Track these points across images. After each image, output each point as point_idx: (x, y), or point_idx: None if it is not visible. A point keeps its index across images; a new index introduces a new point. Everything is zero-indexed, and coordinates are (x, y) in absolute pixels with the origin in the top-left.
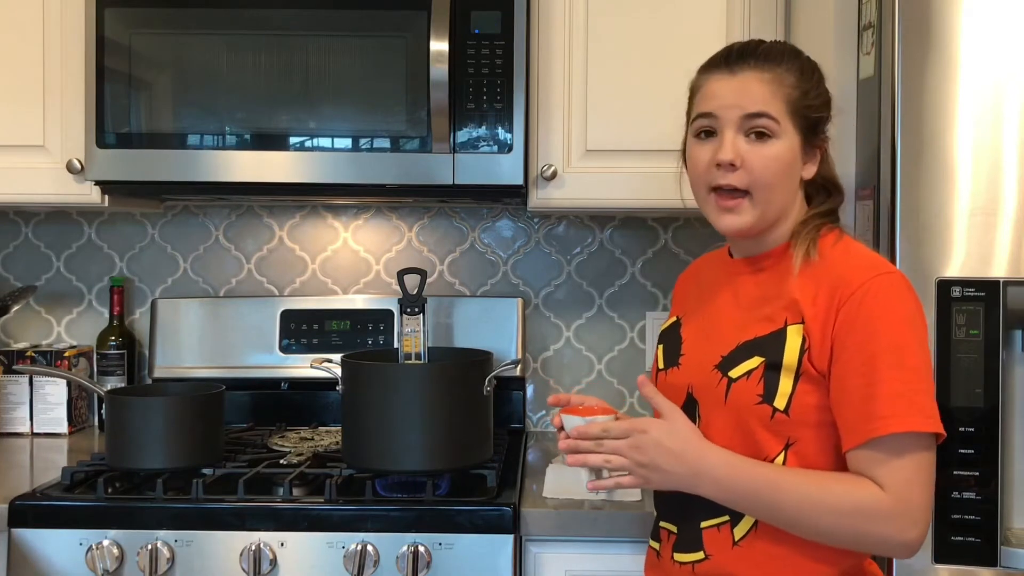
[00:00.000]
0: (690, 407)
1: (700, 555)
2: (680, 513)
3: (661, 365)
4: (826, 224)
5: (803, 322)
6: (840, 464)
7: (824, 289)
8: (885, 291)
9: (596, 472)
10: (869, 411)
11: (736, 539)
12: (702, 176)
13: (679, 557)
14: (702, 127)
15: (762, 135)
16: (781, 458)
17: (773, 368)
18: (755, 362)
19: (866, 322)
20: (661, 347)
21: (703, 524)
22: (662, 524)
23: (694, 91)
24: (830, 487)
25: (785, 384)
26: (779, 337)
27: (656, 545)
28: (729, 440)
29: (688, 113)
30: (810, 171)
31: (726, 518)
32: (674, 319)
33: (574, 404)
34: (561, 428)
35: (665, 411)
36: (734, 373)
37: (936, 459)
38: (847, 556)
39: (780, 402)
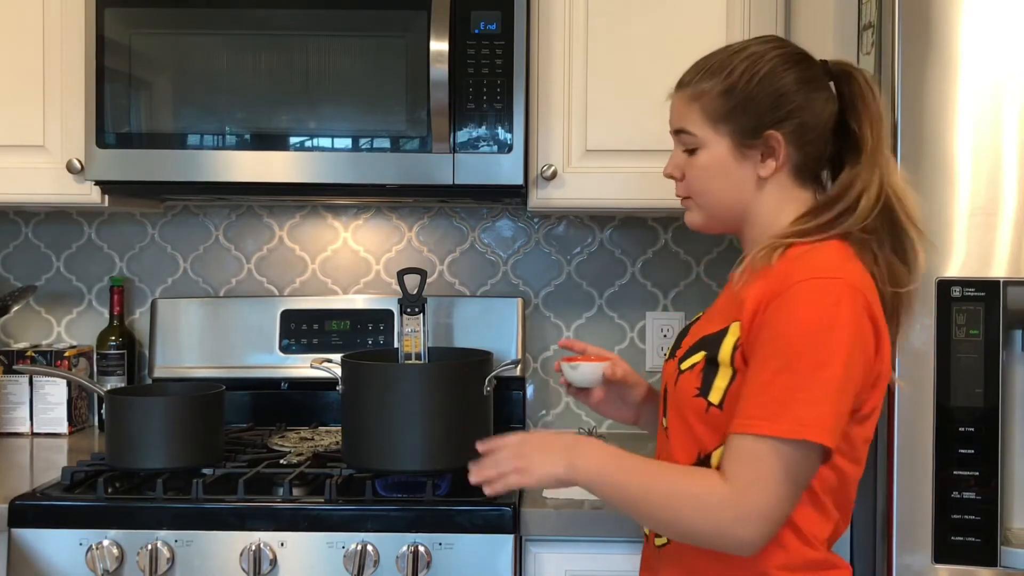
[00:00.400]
0: (664, 397)
1: (665, 538)
2: None
3: (666, 355)
4: (808, 236)
5: (741, 320)
6: None
7: (769, 289)
8: (814, 294)
9: None
10: (746, 406)
11: None
12: None
13: (657, 540)
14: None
15: (691, 148)
16: (719, 452)
17: (712, 363)
18: (699, 356)
19: (784, 320)
20: (676, 338)
21: None
22: None
23: None
24: (672, 474)
25: (721, 380)
26: (722, 334)
27: (646, 529)
28: (676, 432)
29: None
30: (768, 168)
31: None
32: (700, 313)
33: (590, 353)
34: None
35: None
36: (684, 366)
37: (807, 472)
38: (788, 552)
39: (715, 396)
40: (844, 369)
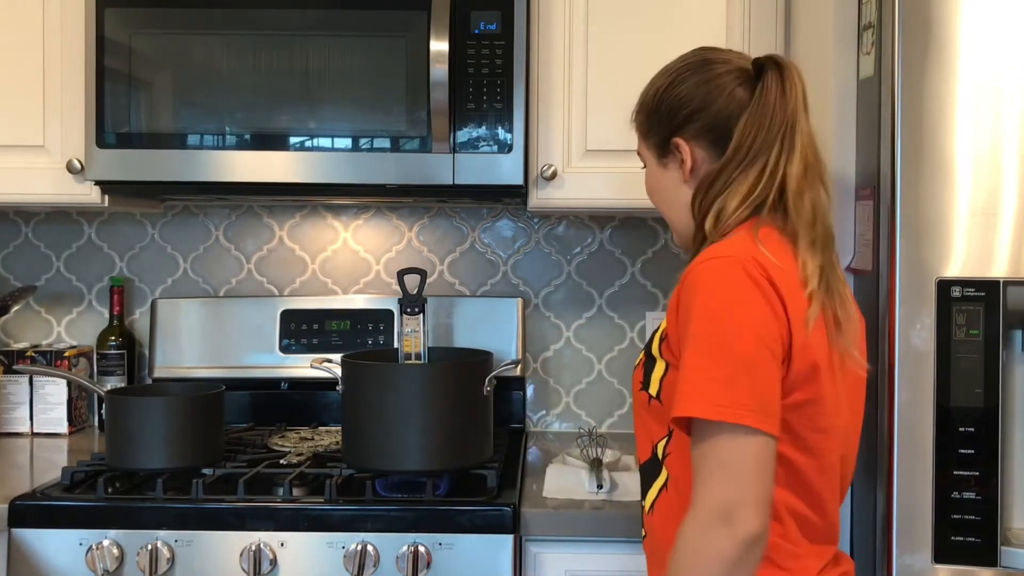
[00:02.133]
0: None
1: (643, 531)
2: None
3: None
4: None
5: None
6: None
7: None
8: (702, 277)
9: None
10: (676, 397)
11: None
12: None
13: (644, 532)
14: None
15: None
16: (663, 444)
17: (649, 357)
18: (643, 353)
19: (686, 310)
20: None
21: (641, 502)
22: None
23: None
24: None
25: (657, 372)
26: (656, 330)
27: (644, 530)
28: (636, 425)
29: None
30: (682, 173)
31: (643, 501)
32: None
33: None
34: None
35: None
36: (635, 363)
37: (755, 452)
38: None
39: (653, 388)
40: (755, 343)
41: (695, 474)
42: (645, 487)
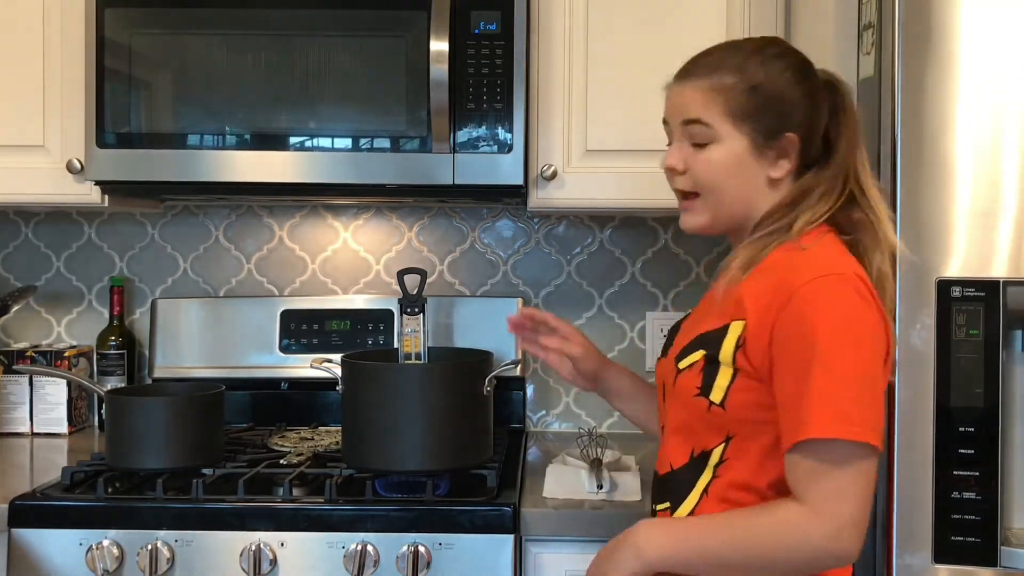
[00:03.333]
0: (662, 396)
1: None
2: (656, 495)
3: (659, 354)
4: (775, 238)
5: (744, 319)
6: (781, 462)
7: (769, 288)
8: (823, 294)
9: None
10: (796, 416)
11: None
12: (667, 180)
13: None
14: (666, 134)
15: (702, 142)
16: (720, 450)
17: (712, 362)
18: (698, 355)
19: (802, 326)
20: (666, 337)
21: (656, 507)
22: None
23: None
24: (747, 520)
25: (723, 378)
26: (722, 332)
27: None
28: (678, 430)
29: None
30: (780, 169)
31: (667, 504)
32: (689, 311)
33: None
34: None
35: None
36: (682, 364)
37: (872, 471)
38: None
39: (716, 395)
40: (874, 362)
41: (807, 486)
42: (676, 493)
